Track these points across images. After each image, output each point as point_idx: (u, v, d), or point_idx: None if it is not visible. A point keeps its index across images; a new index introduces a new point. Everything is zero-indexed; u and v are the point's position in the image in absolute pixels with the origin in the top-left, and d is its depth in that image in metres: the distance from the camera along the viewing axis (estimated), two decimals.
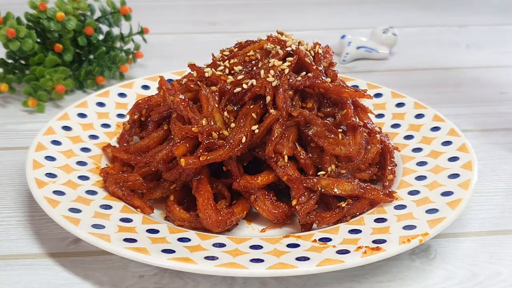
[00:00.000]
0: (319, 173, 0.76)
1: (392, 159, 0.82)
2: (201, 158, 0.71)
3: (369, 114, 0.87)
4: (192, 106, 0.75)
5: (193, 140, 0.73)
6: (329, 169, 0.76)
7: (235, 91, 0.76)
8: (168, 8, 1.66)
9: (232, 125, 0.75)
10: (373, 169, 0.80)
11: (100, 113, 0.93)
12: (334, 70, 0.82)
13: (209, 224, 0.71)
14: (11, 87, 1.09)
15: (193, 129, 0.72)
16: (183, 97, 0.75)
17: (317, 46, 0.83)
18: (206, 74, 0.79)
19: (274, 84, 0.75)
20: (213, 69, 0.79)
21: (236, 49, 0.84)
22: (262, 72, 0.76)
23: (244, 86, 0.76)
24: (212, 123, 0.74)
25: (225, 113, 0.76)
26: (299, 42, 0.83)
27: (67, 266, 0.70)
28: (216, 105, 0.75)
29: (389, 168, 0.81)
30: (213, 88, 0.77)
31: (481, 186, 0.86)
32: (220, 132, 0.74)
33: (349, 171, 0.77)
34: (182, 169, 0.73)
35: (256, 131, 0.74)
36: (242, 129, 0.74)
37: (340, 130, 0.78)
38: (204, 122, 0.73)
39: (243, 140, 0.73)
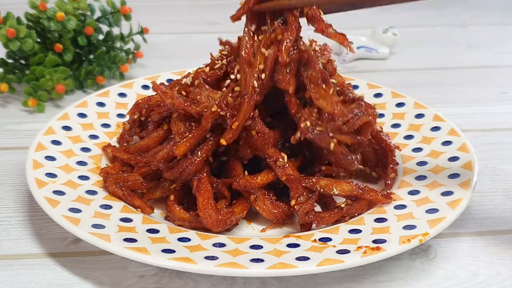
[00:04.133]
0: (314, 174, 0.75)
1: (394, 158, 0.82)
2: (233, 126, 0.71)
3: None
4: (194, 101, 0.75)
5: (194, 138, 0.73)
6: (302, 124, 0.72)
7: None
8: (168, 8, 1.66)
9: (238, 76, 0.74)
10: (359, 137, 0.75)
11: (100, 113, 0.93)
12: (333, 65, 0.82)
13: (209, 223, 0.71)
14: (11, 87, 1.09)
15: (212, 109, 0.72)
16: (182, 100, 0.75)
17: (314, 44, 0.83)
18: (188, 81, 0.79)
19: None
20: (187, 79, 0.81)
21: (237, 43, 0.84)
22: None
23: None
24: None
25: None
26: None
27: (67, 266, 0.70)
28: (210, 91, 0.76)
29: (391, 166, 0.81)
30: (196, 82, 0.78)
31: (481, 186, 0.86)
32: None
33: (326, 129, 0.72)
34: (182, 168, 0.73)
35: (263, 76, 0.72)
36: (249, 74, 0.73)
37: (337, 89, 0.75)
38: (214, 108, 0.73)
39: (255, 84, 0.72)
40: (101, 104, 0.95)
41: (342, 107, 0.72)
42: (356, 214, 0.75)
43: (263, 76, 0.72)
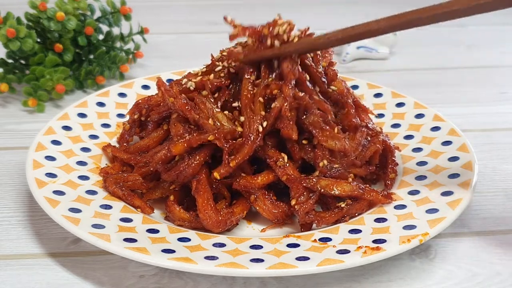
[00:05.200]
0: (313, 173, 0.76)
1: (394, 158, 0.82)
2: (231, 164, 0.72)
3: (369, 115, 0.87)
4: (195, 107, 0.75)
5: (192, 140, 0.73)
6: (320, 164, 0.75)
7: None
8: (168, 8, 1.66)
9: (242, 118, 0.74)
10: (371, 167, 0.80)
11: (100, 113, 0.93)
12: (334, 70, 0.82)
13: (209, 224, 0.71)
14: (11, 87, 1.09)
15: (209, 138, 0.72)
16: (185, 102, 0.75)
17: None
18: (190, 86, 0.79)
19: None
20: (192, 80, 0.80)
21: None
22: None
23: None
24: (219, 124, 0.74)
25: (226, 112, 0.76)
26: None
27: (67, 266, 0.70)
28: (214, 107, 0.75)
29: (391, 167, 0.81)
30: (204, 92, 0.77)
31: (481, 186, 0.86)
32: (237, 131, 0.74)
33: (342, 166, 0.76)
34: (179, 171, 0.73)
35: (265, 124, 0.74)
36: (255, 118, 0.74)
37: (340, 127, 0.78)
38: (210, 121, 0.73)
39: (260, 129, 0.73)
40: (101, 104, 0.95)
41: (350, 142, 0.77)
42: (356, 214, 0.75)
43: (264, 124, 0.74)
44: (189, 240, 0.69)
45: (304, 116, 0.76)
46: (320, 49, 0.79)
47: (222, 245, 0.69)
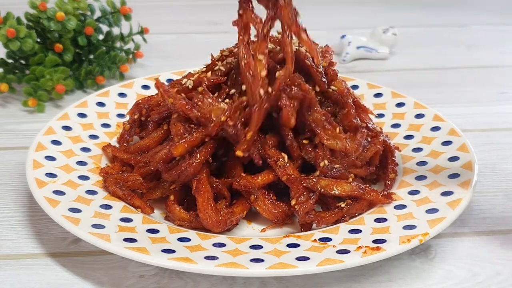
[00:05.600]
0: (313, 173, 0.76)
1: (394, 158, 0.82)
2: (248, 137, 0.72)
3: (369, 115, 0.87)
4: (194, 105, 0.75)
5: (193, 140, 0.73)
6: (321, 164, 0.75)
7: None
8: (168, 8, 1.66)
9: (243, 87, 0.74)
10: (371, 168, 0.80)
11: (100, 113, 0.93)
12: (334, 70, 0.82)
13: (209, 224, 0.71)
14: (11, 87, 1.09)
15: (222, 118, 0.72)
16: (184, 102, 0.75)
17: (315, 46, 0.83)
18: (189, 85, 0.79)
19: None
20: (190, 79, 0.80)
21: (236, 49, 0.84)
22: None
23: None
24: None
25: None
26: (299, 43, 0.83)
27: (67, 266, 0.70)
28: (214, 101, 0.75)
29: (391, 167, 0.81)
30: (200, 88, 0.77)
31: (481, 186, 0.86)
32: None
33: (343, 166, 0.76)
34: (181, 170, 0.73)
35: (270, 89, 0.73)
36: (253, 84, 0.73)
37: (341, 128, 0.78)
38: (213, 115, 0.73)
39: (261, 92, 0.72)
40: (101, 104, 0.95)
41: (351, 142, 0.76)
42: (356, 214, 0.75)
43: (269, 89, 0.73)
44: (189, 240, 0.69)
45: (309, 113, 0.75)
46: None
47: (222, 245, 0.69)
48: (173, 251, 0.65)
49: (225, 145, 0.76)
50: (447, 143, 0.86)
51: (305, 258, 0.65)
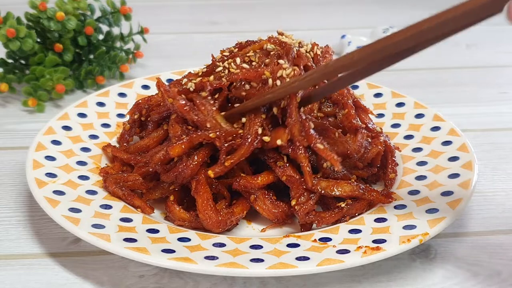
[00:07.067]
0: (317, 175, 0.76)
1: (394, 158, 0.82)
2: (226, 164, 0.72)
3: (369, 115, 0.87)
4: (194, 108, 0.75)
5: (191, 142, 0.73)
6: (324, 165, 0.75)
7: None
8: (168, 8, 1.66)
9: (243, 119, 0.74)
10: (372, 169, 0.80)
11: (100, 113, 0.93)
12: None
13: (209, 224, 0.72)
14: (11, 87, 1.09)
15: (210, 135, 0.72)
16: (184, 102, 0.75)
17: (315, 47, 0.83)
18: (190, 87, 0.78)
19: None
20: (191, 80, 0.79)
21: (236, 49, 0.84)
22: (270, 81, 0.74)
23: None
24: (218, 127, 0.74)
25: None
26: (299, 43, 0.83)
27: (67, 266, 0.70)
28: (214, 108, 0.75)
29: (391, 167, 0.81)
30: (203, 93, 0.77)
31: (481, 186, 0.86)
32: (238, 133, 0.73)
33: (345, 167, 0.76)
34: (178, 172, 0.73)
35: (267, 139, 0.73)
36: (255, 120, 0.73)
37: (340, 131, 0.78)
38: (208, 125, 0.73)
39: (259, 131, 0.73)
40: (101, 104, 0.95)
41: (352, 143, 0.76)
42: (356, 214, 0.75)
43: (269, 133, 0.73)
44: (189, 240, 0.69)
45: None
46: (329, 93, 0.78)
47: (222, 245, 0.69)
48: (173, 251, 0.65)
49: None
50: (447, 143, 0.86)
51: (305, 258, 0.65)
